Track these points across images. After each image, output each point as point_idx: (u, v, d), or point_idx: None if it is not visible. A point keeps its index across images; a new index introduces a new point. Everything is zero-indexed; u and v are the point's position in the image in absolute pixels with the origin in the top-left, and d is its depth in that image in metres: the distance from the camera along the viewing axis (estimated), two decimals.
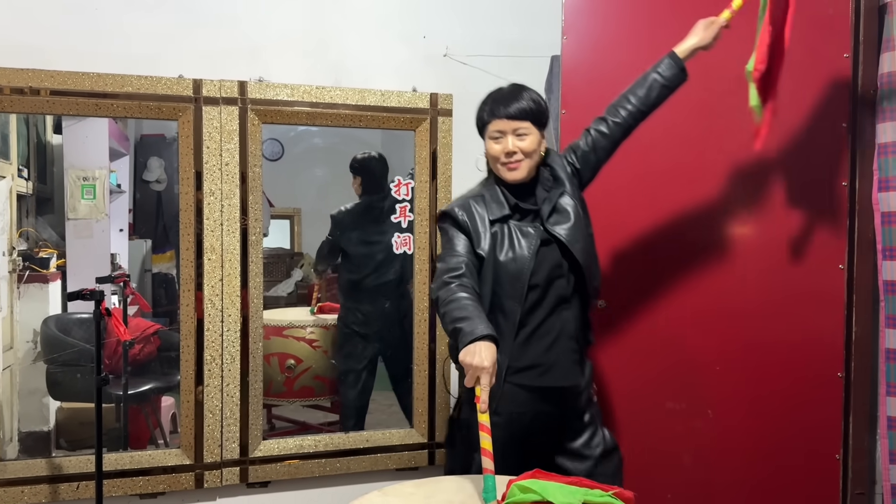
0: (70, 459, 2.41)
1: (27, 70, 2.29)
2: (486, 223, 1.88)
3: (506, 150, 1.86)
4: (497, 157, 1.88)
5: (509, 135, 1.86)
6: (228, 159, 2.47)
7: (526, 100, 1.88)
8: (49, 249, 2.97)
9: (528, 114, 1.86)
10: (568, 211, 1.90)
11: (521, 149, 1.86)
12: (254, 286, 2.52)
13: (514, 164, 1.87)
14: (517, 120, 1.85)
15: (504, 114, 1.85)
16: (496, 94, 1.93)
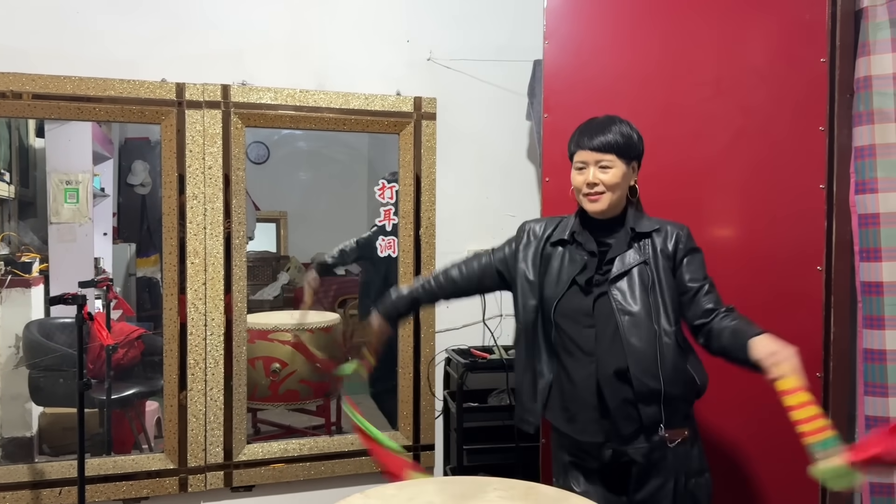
0: (53, 465, 2.40)
1: (9, 74, 2.29)
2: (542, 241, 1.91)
3: (587, 181, 1.81)
4: (579, 187, 1.83)
5: (592, 166, 1.81)
6: (211, 163, 2.47)
7: (613, 133, 1.82)
8: (32, 254, 2.95)
9: (613, 147, 1.81)
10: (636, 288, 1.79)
11: (602, 181, 1.80)
12: (237, 290, 2.52)
13: (595, 196, 1.81)
14: (600, 152, 1.80)
15: (587, 145, 1.81)
16: (587, 123, 1.88)
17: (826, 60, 2.31)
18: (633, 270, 1.80)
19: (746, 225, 2.37)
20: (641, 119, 2.36)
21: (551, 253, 1.87)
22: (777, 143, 2.34)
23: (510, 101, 2.85)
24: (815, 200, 2.33)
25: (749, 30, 2.35)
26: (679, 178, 2.37)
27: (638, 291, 1.78)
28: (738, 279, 2.36)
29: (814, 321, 2.34)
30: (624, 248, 1.82)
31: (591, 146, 1.81)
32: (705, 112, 2.36)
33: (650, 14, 2.40)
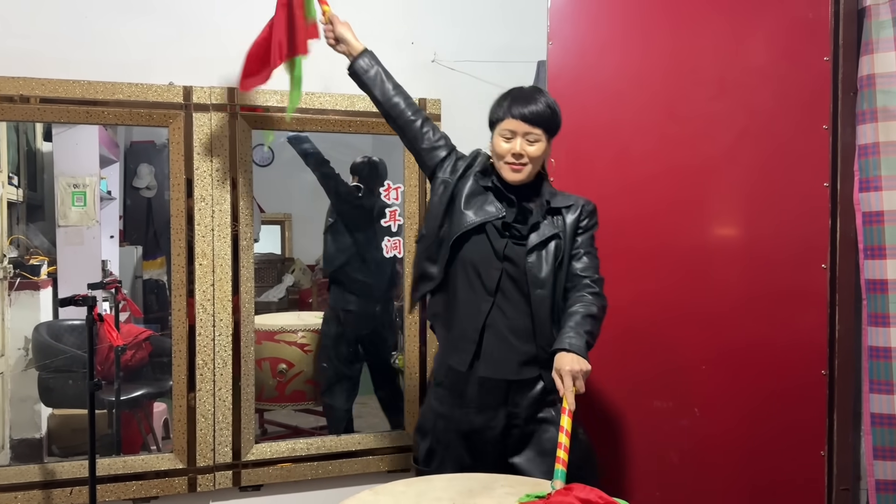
0: (63, 465, 2.42)
1: (18, 78, 2.30)
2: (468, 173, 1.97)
3: (513, 151, 1.87)
4: (503, 155, 1.89)
5: (520, 137, 1.87)
6: (219, 165, 2.49)
7: (543, 104, 1.88)
8: (40, 257, 2.97)
9: (543, 120, 1.87)
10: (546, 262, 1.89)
11: (528, 153, 1.87)
12: (245, 291, 2.53)
13: (519, 167, 1.89)
14: (531, 124, 1.86)
15: (519, 115, 1.86)
16: (515, 92, 1.94)
17: (829, 59, 2.33)
18: (550, 244, 1.90)
19: (751, 224, 2.38)
20: (645, 119, 2.38)
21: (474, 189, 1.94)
22: (781, 141, 2.36)
23: None
24: (819, 199, 2.35)
25: (752, 29, 2.36)
26: (683, 178, 2.39)
27: (549, 265, 1.89)
28: (743, 278, 2.38)
29: (818, 319, 2.35)
30: (540, 218, 1.91)
31: (524, 116, 1.86)
32: (709, 112, 2.37)
33: (653, 15, 2.41)
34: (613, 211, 2.39)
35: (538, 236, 1.90)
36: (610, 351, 2.39)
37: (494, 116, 1.94)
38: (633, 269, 2.40)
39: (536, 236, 1.90)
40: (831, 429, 2.36)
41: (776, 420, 2.36)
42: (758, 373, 2.36)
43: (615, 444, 2.41)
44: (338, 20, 2.17)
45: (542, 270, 1.88)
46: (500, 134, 1.90)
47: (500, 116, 1.91)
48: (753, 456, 2.38)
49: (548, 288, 1.88)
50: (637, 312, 2.40)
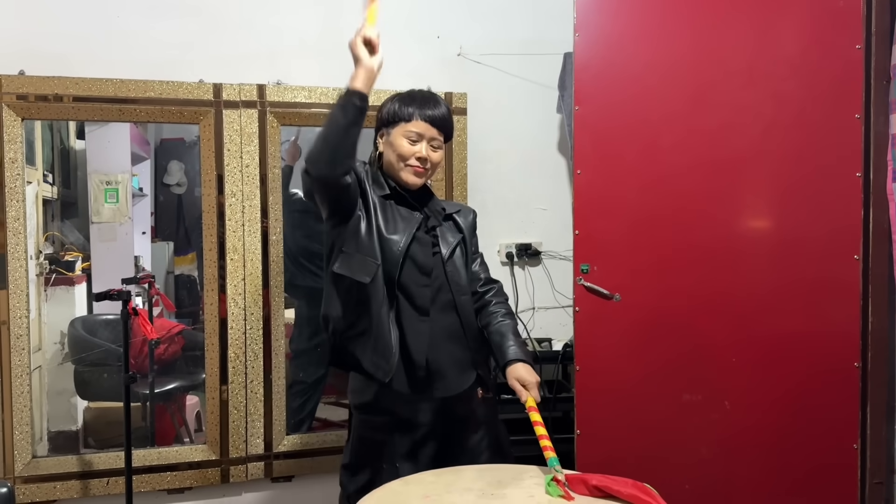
0: (100, 456, 2.48)
1: (53, 78, 2.36)
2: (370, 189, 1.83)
3: (419, 155, 1.81)
4: (407, 157, 1.81)
5: (426, 141, 1.82)
6: (249, 161, 2.52)
7: (446, 109, 1.85)
8: (74, 253, 3.04)
9: (447, 126, 1.84)
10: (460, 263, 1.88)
11: (432, 159, 1.83)
12: (275, 285, 2.57)
13: (421, 171, 1.82)
14: (437, 129, 1.82)
15: (429, 118, 1.80)
16: (417, 94, 1.86)
17: (861, 47, 2.29)
18: (457, 249, 1.89)
19: (782, 215, 2.36)
20: (673, 110, 2.37)
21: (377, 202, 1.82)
22: (812, 131, 2.32)
23: (541, 95, 2.87)
24: (851, 189, 2.31)
25: (782, 17, 2.33)
26: (713, 170, 2.36)
27: (462, 269, 1.88)
28: (775, 269, 2.35)
29: (851, 310, 2.32)
30: (439, 223, 1.88)
31: (433, 119, 1.81)
32: (738, 102, 2.35)
33: (680, 4, 2.39)
34: (643, 204, 2.39)
35: (446, 244, 1.86)
36: (640, 344, 2.39)
37: (397, 116, 1.83)
38: (664, 262, 2.39)
39: (445, 244, 1.86)
40: (864, 422, 2.33)
41: (808, 413, 2.34)
42: (789, 365, 2.34)
43: (644, 437, 2.40)
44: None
45: (461, 277, 1.87)
46: (404, 135, 1.81)
47: (404, 116, 1.81)
48: (785, 449, 2.36)
49: (468, 292, 1.89)
50: (667, 305, 2.38)
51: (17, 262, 2.34)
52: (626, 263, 2.40)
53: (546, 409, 2.72)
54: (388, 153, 1.84)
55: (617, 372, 2.41)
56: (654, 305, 2.39)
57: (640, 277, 2.40)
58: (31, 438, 2.40)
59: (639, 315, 2.39)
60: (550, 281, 2.94)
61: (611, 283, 2.38)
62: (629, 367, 2.40)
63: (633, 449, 2.39)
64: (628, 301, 2.38)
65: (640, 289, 2.39)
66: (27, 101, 2.34)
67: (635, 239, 2.40)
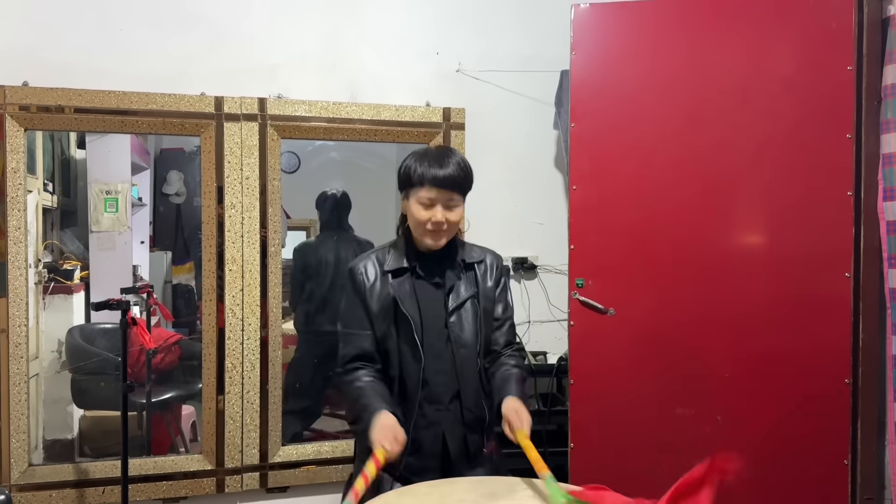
0: (96, 465, 2.48)
1: (56, 89, 2.38)
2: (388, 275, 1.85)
3: (435, 220, 1.79)
4: (423, 223, 1.80)
5: (440, 204, 1.79)
6: (249, 173, 2.55)
7: (456, 168, 1.80)
8: (73, 261, 3.05)
9: (459, 185, 1.81)
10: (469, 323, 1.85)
11: (449, 220, 1.80)
12: (273, 296, 2.59)
13: (440, 234, 1.82)
14: (450, 191, 1.79)
15: (437, 183, 1.77)
16: (428, 156, 1.82)
17: (853, 68, 2.33)
18: (467, 303, 1.85)
19: (774, 232, 2.39)
20: (668, 128, 2.40)
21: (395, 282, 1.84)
22: (804, 150, 2.36)
23: (537, 111, 2.90)
24: (842, 207, 2.34)
25: (775, 38, 2.38)
26: (707, 187, 2.40)
27: (470, 325, 1.84)
28: (767, 286, 2.38)
29: (842, 328, 2.34)
30: (455, 279, 1.86)
31: (443, 184, 1.77)
32: (732, 120, 2.38)
33: (675, 24, 2.43)
34: (638, 220, 2.42)
35: (455, 298, 1.85)
36: (634, 358, 2.41)
37: (410, 182, 1.81)
38: (658, 278, 2.42)
39: (454, 298, 1.85)
40: (855, 438, 2.35)
41: (799, 428, 2.36)
42: (781, 381, 2.36)
43: (637, 450, 2.42)
44: None
45: (463, 330, 1.84)
46: (417, 202, 1.79)
47: (416, 182, 1.79)
48: (776, 464, 2.38)
49: (471, 348, 1.85)
50: (661, 321, 2.41)
51: (17, 271, 2.36)
52: (621, 278, 2.42)
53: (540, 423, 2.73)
54: (409, 217, 1.85)
55: (611, 386, 2.43)
56: (648, 321, 2.41)
57: (635, 293, 2.42)
58: (28, 446, 2.41)
59: (633, 330, 2.42)
60: (546, 295, 2.97)
61: (605, 297, 2.41)
62: (623, 381, 2.43)
63: (626, 462, 2.41)
64: (623, 316, 2.40)
65: (634, 304, 2.42)
66: (30, 111, 2.36)
67: (630, 254, 2.43)
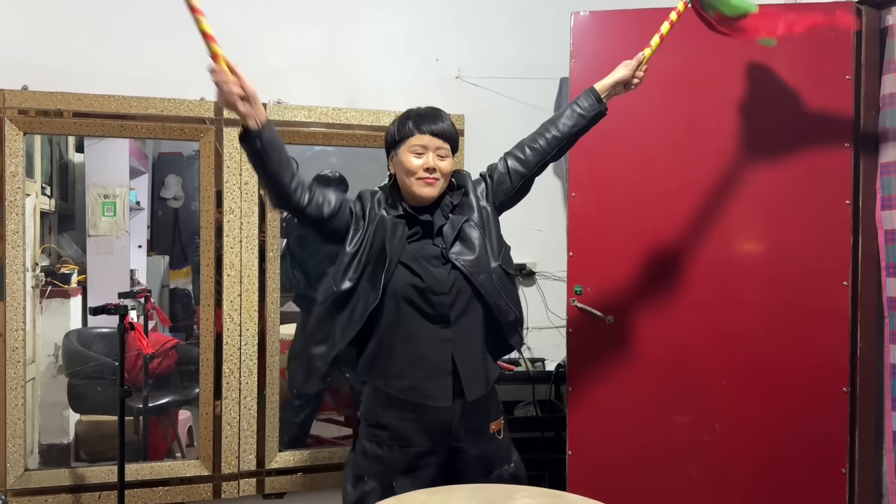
0: (92, 470, 2.48)
1: (55, 93, 2.38)
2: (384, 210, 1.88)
3: (427, 166, 1.84)
4: (415, 171, 1.84)
5: (431, 152, 1.85)
6: (248, 178, 2.55)
7: (448, 122, 1.89)
8: (70, 265, 3.04)
9: (450, 136, 1.88)
10: (473, 241, 1.88)
11: (440, 168, 1.85)
12: (271, 301, 2.59)
13: (432, 181, 1.85)
14: (441, 139, 1.85)
15: (429, 130, 1.84)
16: (418, 110, 1.91)
17: (851, 77, 2.33)
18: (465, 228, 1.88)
19: (773, 240, 2.39)
20: (667, 136, 2.41)
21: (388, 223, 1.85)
22: (803, 159, 2.37)
23: (537, 118, 2.85)
24: (841, 216, 2.35)
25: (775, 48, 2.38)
26: (705, 195, 2.40)
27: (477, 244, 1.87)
28: (765, 294, 2.38)
29: (840, 336, 2.34)
30: (443, 219, 1.89)
31: (433, 131, 1.84)
32: (730, 128, 2.39)
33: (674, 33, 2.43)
34: (636, 227, 2.42)
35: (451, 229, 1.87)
36: (632, 365, 2.41)
37: (399, 135, 1.87)
38: (657, 286, 2.42)
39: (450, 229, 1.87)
40: (853, 446, 2.35)
41: (797, 437, 2.36)
42: (779, 389, 2.36)
43: (635, 457, 2.42)
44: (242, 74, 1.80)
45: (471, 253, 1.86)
46: (409, 150, 1.85)
47: (406, 134, 1.86)
48: (774, 472, 2.37)
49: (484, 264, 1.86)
50: (658, 327, 2.41)
51: (14, 275, 2.36)
52: (620, 286, 2.43)
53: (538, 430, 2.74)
54: (399, 172, 1.88)
55: (609, 393, 2.43)
56: (646, 328, 2.41)
57: (633, 300, 2.43)
58: (24, 451, 2.40)
59: (631, 337, 2.42)
60: (544, 301, 2.97)
61: (604, 304, 2.40)
62: (621, 388, 2.43)
63: (624, 469, 2.41)
64: (621, 323, 2.40)
65: (632, 311, 2.42)
66: (28, 115, 2.36)
67: (629, 262, 2.43)
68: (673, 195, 2.42)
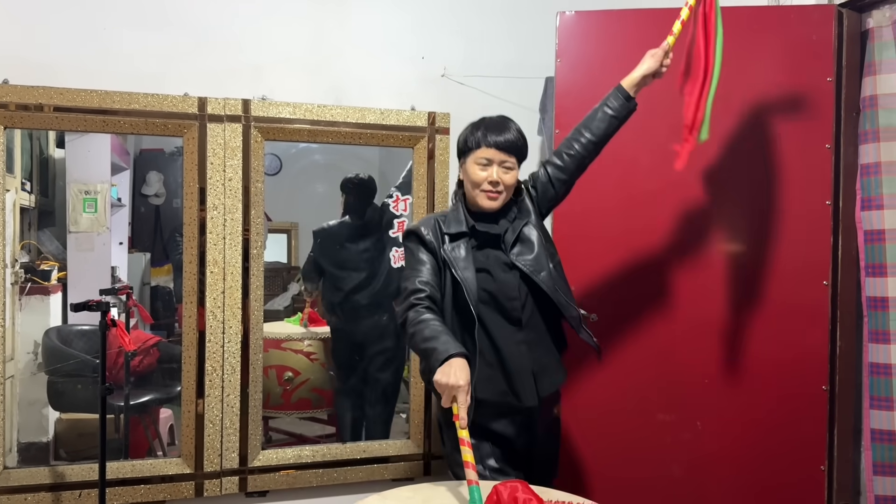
0: (72, 468, 2.45)
1: (37, 87, 2.35)
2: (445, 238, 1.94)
3: (491, 179, 1.89)
4: (479, 183, 1.90)
5: (496, 165, 1.89)
6: (231, 175, 2.53)
7: (515, 133, 1.92)
8: (50, 262, 3.00)
9: (516, 149, 1.91)
10: (532, 241, 1.94)
11: (504, 181, 1.90)
12: (254, 299, 2.57)
13: (495, 195, 1.91)
14: (506, 153, 1.89)
15: (495, 143, 1.89)
16: (487, 121, 1.96)
17: (832, 79, 2.36)
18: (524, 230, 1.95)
19: (754, 240, 2.41)
20: (650, 136, 2.42)
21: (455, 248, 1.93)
22: (784, 160, 2.39)
23: (522, 117, 2.87)
24: (821, 217, 2.37)
25: (757, 49, 2.41)
26: (687, 195, 2.42)
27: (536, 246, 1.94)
28: (746, 293, 2.40)
29: (820, 335, 2.37)
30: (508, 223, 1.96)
31: (499, 145, 1.89)
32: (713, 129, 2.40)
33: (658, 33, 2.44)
34: (619, 227, 2.44)
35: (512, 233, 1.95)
36: (614, 363, 2.42)
37: (467, 145, 1.94)
38: (639, 284, 2.44)
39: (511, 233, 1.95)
40: (832, 444, 2.38)
41: (777, 434, 2.39)
42: (759, 388, 2.39)
43: (618, 455, 2.43)
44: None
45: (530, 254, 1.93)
46: (475, 162, 1.91)
47: (473, 145, 1.92)
48: (755, 470, 2.40)
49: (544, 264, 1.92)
50: (641, 326, 2.43)
51: None
52: (603, 284, 2.44)
53: None
54: (466, 181, 1.96)
55: (592, 391, 2.44)
56: (629, 327, 2.43)
57: (616, 299, 2.44)
58: (2, 449, 2.37)
59: (614, 335, 2.43)
60: None
61: (587, 303, 2.42)
62: (604, 386, 2.44)
63: (606, 466, 2.42)
64: (604, 321, 2.42)
65: (615, 310, 2.44)
66: (9, 109, 2.33)
67: (612, 261, 2.45)
68: (655, 195, 2.43)
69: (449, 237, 1.93)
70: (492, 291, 1.90)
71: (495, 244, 1.94)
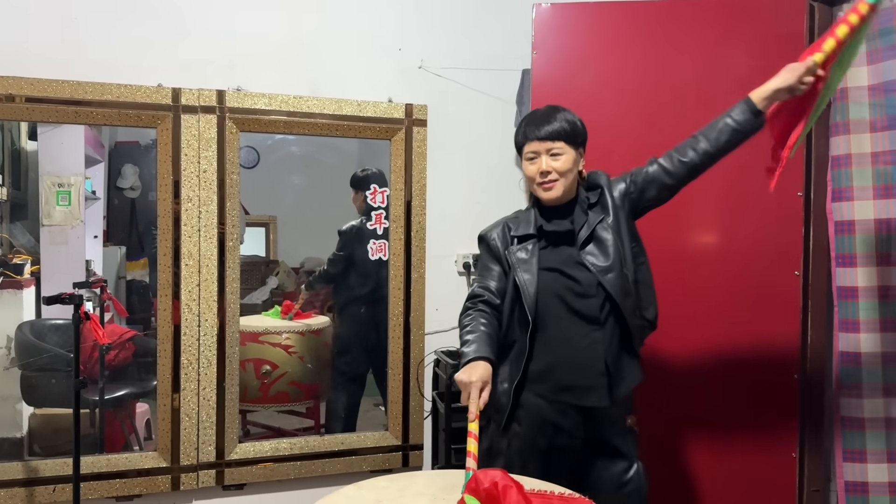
0: (46, 463, 2.43)
1: (6, 77, 2.32)
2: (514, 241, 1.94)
3: (540, 170, 1.88)
4: (533, 177, 1.90)
5: (543, 155, 1.88)
6: (206, 167, 2.51)
7: (559, 121, 1.89)
8: (23, 256, 2.97)
9: (561, 134, 1.88)
10: (604, 240, 1.90)
11: (554, 168, 1.87)
12: (230, 292, 2.56)
13: (549, 185, 1.89)
14: (550, 141, 1.87)
15: (535, 136, 1.88)
16: (531, 115, 1.96)
17: None
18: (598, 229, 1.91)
19: (727, 231, 2.44)
20: (625, 128, 2.44)
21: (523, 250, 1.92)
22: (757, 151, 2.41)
23: (499, 109, 2.92)
24: (793, 207, 2.41)
25: (730, 42, 2.43)
26: None
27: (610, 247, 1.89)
28: (719, 283, 2.43)
29: (792, 324, 2.41)
30: (583, 217, 1.93)
31: (540, 136, 1.88)
32: (687, 121, 2.40)
33: (634, 27, 2.47)
34: None
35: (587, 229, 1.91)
36: None
37: (518, 144, 1.96)
38: None
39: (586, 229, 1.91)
40: (803, 431, 2.42)
41: (749, 422, 2.42)
42: (731, 376, 2.42)
43: None
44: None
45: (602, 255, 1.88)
46: (525, 158, 1.92)
47: (520, 143, 1.94)
48: (726, 457, 2.43)
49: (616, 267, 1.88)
50: None
51: None
52: None
53: None
54: (527, 183, 1.96)
55: None
56: None
57: None
58: None
59: None
60: None
61: None
62: None
63: None
64: None
65: None
66: None
67: None
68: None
69: (517, 239, 1.93)
70: (564, 289, 1.88)
71: (570, 241, 1.92)
